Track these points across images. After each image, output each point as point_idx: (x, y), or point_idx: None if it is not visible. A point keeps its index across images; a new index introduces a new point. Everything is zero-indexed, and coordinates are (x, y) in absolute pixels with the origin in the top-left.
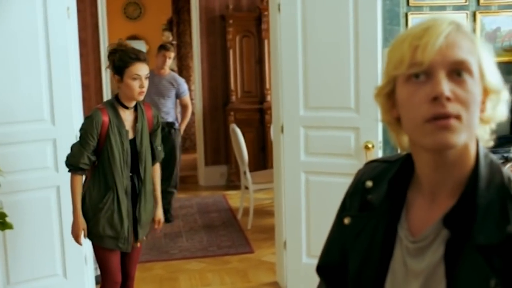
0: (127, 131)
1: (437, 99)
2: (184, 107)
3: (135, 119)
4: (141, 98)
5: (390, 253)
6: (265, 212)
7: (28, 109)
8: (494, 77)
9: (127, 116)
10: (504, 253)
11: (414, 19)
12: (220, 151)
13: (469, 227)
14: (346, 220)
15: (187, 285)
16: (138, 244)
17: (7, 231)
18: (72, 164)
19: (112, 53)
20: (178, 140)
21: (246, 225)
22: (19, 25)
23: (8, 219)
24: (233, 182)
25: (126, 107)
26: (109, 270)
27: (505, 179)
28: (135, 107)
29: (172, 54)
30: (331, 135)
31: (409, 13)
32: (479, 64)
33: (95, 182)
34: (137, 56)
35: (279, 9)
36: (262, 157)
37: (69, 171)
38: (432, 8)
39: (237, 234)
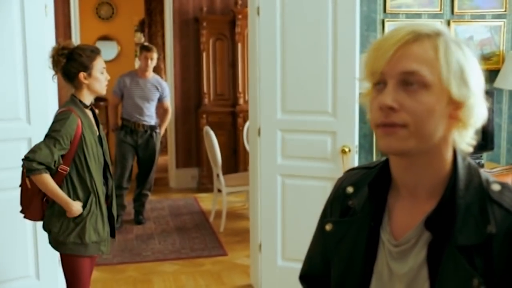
0: (95, 130)
1: (382, 108)
2: (165, 111)
3: (94, 117)
4: (105, 91)
5: (373, 256)
6: (238, 215)
7: (3, 108)
8: (460, 85)
9: (90, 115)
10: (485, 253)
11: (391, 26)
12: (191, 153)
13: (450, 229)
14: (328, 227)
15: (161, 287)
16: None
17: None
18: (43, 163)
19: (62, 54)
20: (159, 144)
21: (219, 227)
22: None
23: None
24: (204, 184)
25: (86, 106)
26: (83, 282)
27: (483, 181)
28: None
29: (154, 55)
30: (308, 138)
31: (385, 20)
32: (439, 74)
33: (69, 189)
34: (98, 50)
35: (258, 13)
36: (234, 160)
37: (36, 171)
38: (408, 15)
39: (210, 237)
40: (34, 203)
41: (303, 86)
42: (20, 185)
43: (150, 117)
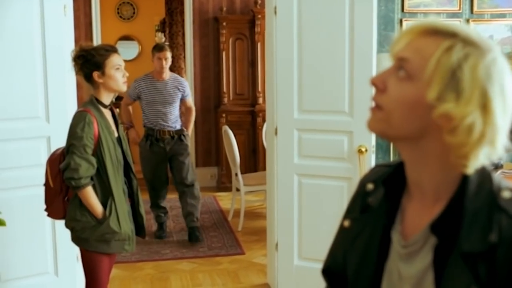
0: (113, 131)
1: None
2: (188, 110)
3: (113, 118)
4: (126, 88)
5: (386, 255)
6: (256, 214)
7: (23, 106)
8: (447, 94)
9: (108, 116)
10: (488, 261)
11: (408, 25)
12: (211, 152)
13: (456, 234)
14: (346, 223)
15: (178, 285)
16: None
17: (0, 228)
18: (82, 176)
19: (80, 56)
20: (189, 146)
21: (237, 226)
22: (16, 22)
23: (1, 216)
24: (223, 184)
25: (105, 106)
26: (102, 279)
27: (495, 186)
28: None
29: (168, 54)
30: (324, 138)
31: (403, 19)
32: (432, 72)
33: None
34: (113, 48)
35: (275, 12)
36: (253, 159)
37: (85, 185)
38: (426, 14)
39: (228, 236)
40: (56, 202)
41: (320, 85)
42: (44, 184)
43: (175, 122)
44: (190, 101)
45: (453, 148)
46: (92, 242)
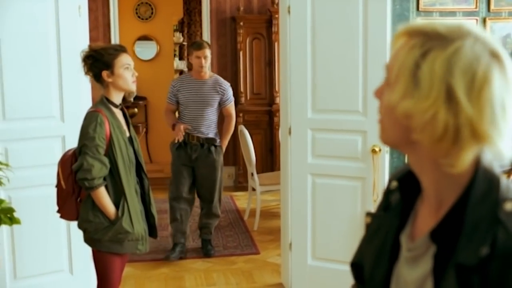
0: (125, 130)
1: None
2: (227, 117)
3: (124, 117)
4: (135, 87)
5: (397, 256)
6: (272, 213)
7: (37, 106)
8: (407, 88)
9: (119, 115)
10: (481, 274)
11: None
12: (228, 152)
13: (455, 244)
14: (367, 219)
15: (192, 284)
16: None
17: (15, 226)
18: (95, 177)
19: (89, 56)
20: (221, 160)
21: (253, 226)
22: (31, 22)
23: (15, 214)
24: (241, 183)
25: (116, 106)
26: (114, 279)
27: (500, 197)
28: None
29: (207, 52)
30: (338, 138)
31: (418, 18)
32: (396, 74)
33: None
34: (122, 48)
35: (289, 11)
36: (270, 159)
37: (98, 186)
38: (442, 13)
39: (243, 235)
40: (68, 203)
41: (334, 85)
42: (56, 186)
43: (207, 128)
44: (231, 108)
45: (433, 148)
46: (105, 242)
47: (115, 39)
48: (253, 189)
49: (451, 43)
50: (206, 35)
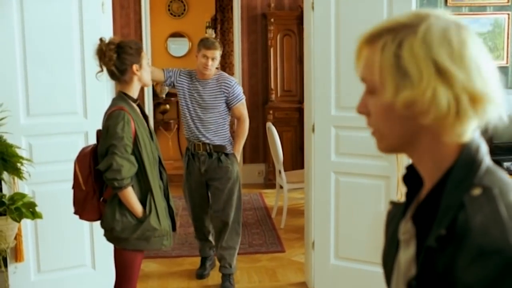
0: (146, 127)
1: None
2: (238, 120)
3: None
4: (151, 82)
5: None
6: (299, 211)
7: (61, 102)
8: (399, 82)
9: (138, 111)
10: (443, 257)
11: None
12: (258, 149)
13: (430, 227)
14: (388, 207)
15: (215, 281)
16: None
17: (39, 221)
18: (125, 177)
19: (113, 49)
20: (235, 170)
21: (280, 224)
22: (55, 20)
23: (39, 209)
24: (270, 180)
25: (135, 100)
26: (134, 277)
27: (474, 182)
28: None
29: (217, 53)
30: (362, 135)
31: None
32: (379, 76)
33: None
34: (140, 43)
35: (312, 8)
36: (300, 157)
37: (127, 185)
38: (472, 8)
39: (270, 233)
40: (91, 204)
41: (358, 81)
42: (73, 187)
43: (214, 133)
44: (241, 107)
45: (440, 127)
46: (132, 240)
47: (146, 36)
48: (281, 187)
49: (417, 27)
50: (237, 32)
